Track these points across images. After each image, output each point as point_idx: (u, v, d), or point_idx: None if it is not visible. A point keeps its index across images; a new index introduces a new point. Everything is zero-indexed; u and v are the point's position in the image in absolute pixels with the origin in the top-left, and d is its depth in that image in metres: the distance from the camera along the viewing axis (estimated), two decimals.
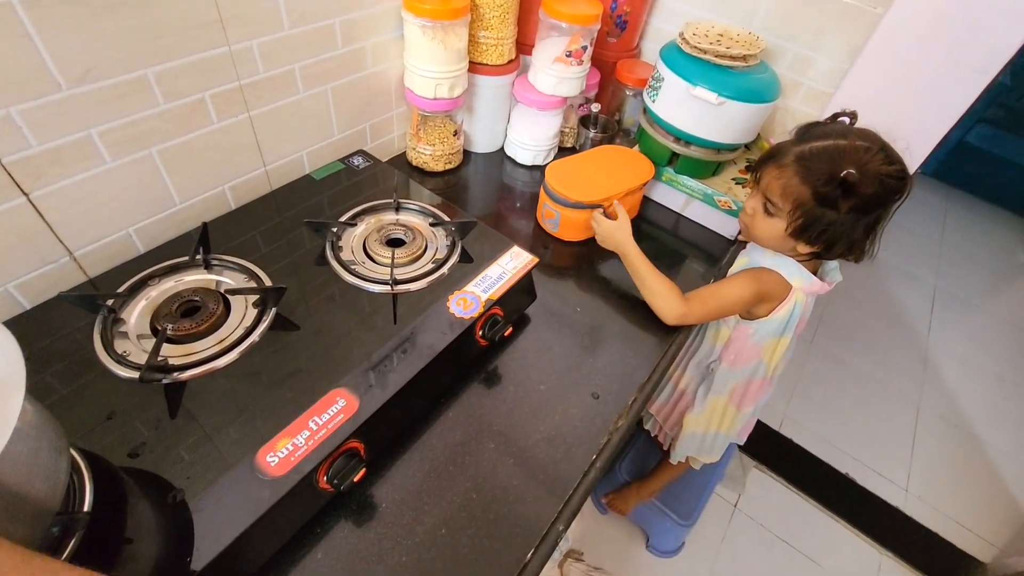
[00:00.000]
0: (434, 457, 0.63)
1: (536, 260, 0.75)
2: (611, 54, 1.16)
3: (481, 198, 1.05)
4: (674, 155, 1.00)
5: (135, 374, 0.54)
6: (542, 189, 0.93)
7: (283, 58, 0.76)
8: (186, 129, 0.69)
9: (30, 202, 0.59)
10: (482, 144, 1.13)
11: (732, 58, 0.88)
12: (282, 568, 0.54)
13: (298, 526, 0.55)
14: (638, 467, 1.42)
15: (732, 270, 0.89)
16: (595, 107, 1.12)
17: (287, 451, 0.52)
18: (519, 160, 1.12)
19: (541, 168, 1.12)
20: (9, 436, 0.36)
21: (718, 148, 0.96)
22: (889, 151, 0.70)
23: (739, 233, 1.01)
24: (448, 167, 1.06)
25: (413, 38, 0.88)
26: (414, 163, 1.05)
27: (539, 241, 0.95)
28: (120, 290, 0.62)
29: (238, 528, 0.47)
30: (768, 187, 0.76)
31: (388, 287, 0.68)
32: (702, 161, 0.99)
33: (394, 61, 0.94)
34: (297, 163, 0.88)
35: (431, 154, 1.02)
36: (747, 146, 1.06)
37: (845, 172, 0.67)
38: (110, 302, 0.60)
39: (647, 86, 1.00)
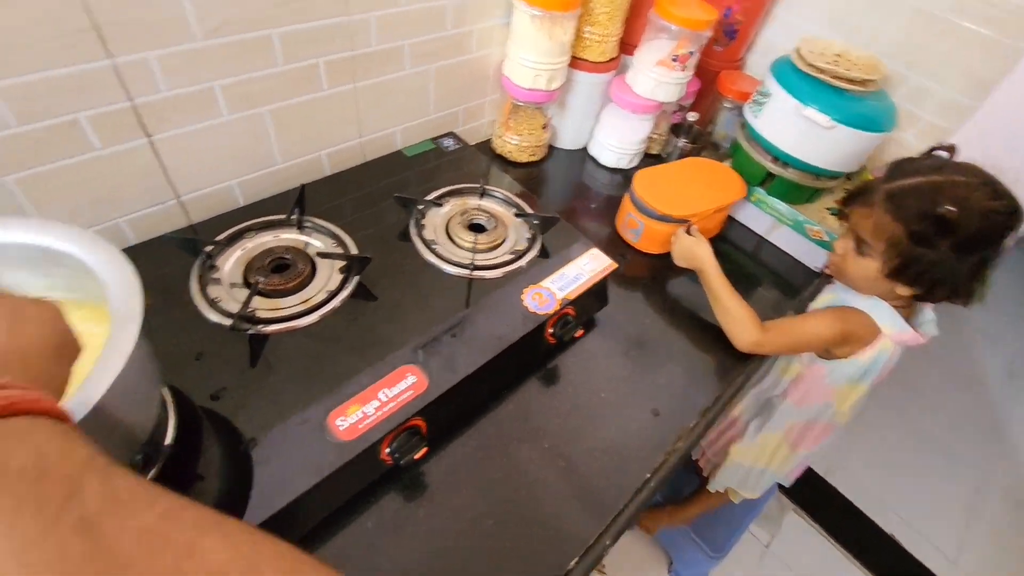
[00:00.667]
0: (489, 447, 0.63)
1: (615, 266, 0.74)
2: (714, 63, 1.12)
3: (559, 194, 1.04)
4: (768, 175, 0.96)
5: (226, 321, 0.57)
6: (627, 197, 0.91)
7: (396, 33, 0.77)
8: (298, 92, 0.71)
9: (151, 144, 0.63)
10: (567, 140, 1.12)
11: (850, 81, 0.83)
12: (331, 530, 0.55)
13: (353, 492, 0.56)
14: (673, 488, 1.38)
15: (815, 305, 0.84)
16: (692, 116, 1.09)
17: (356, 418, 0.53)
18: (602, 161, 1.10)
19: (623, 172, 1.10)
20: (124, 363, 0.38)
21: (817, 173, 0.91)
22: (996, 185, 0.65)
23: (825, 266, 0.95)
24: (531, 159, 1.05)
25: (520, 26, 0.87)
26: (498, 151, 1.05)
27: (614, 247, 0.93)
28: (219, 238, 0.65)
29: (303, 486, 0.49)
30: (858, 225, 0.72)
31: (467, 271, 0.68)
32: (798, 185, 0.94)
33: (496, 48, 0.94)
34: (390, 138, 0.89)
35: (517, 144, 1.02)
36: (848, 176, 1.00)
37: (943, 209, 0.63)
38: (209, 248, 0.63)
39: (750, 100, 0.96)
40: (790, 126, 0.87)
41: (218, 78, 0.63)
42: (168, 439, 0.49)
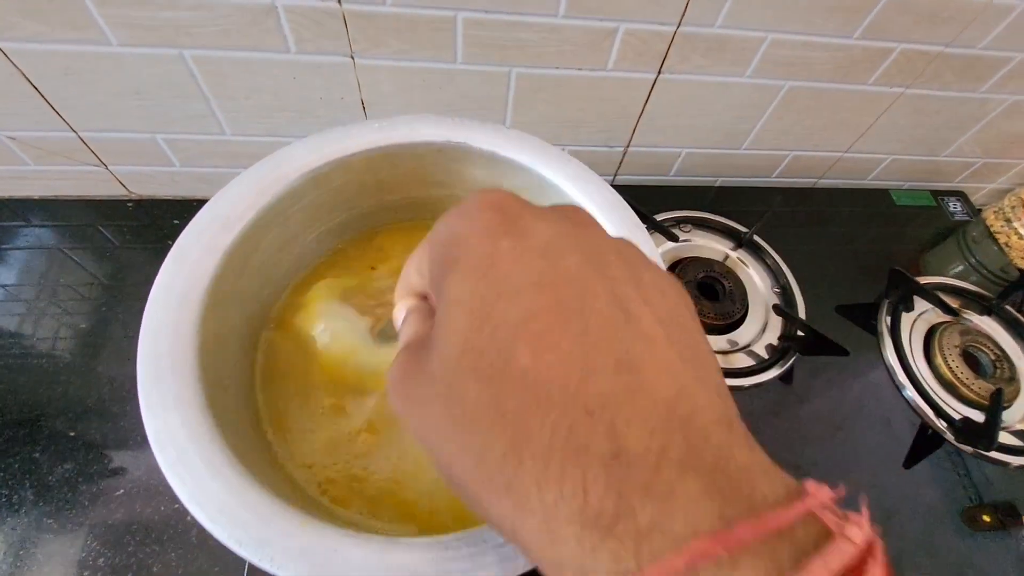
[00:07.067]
0: None
1: None
2: None
3: None
4: None
5: None
6: None
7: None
8: (835, 78, 0.52)
9: None
10: None
11: None
12: None
13: None
14: None
15: None
16: None
17: None
18: None
19: None
20: None
21: None
22: None
23: None
24: None
25: None
26: (989, 228, 0.73)
27: None
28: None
29: None
30: None
31: (939, 423, 0.45)
32: None
33: None
34: (871, 165, 0.65)
35: (1022, 238, 0.69)
36: None
37: None
38: None
39: None
40: None
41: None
42: None
